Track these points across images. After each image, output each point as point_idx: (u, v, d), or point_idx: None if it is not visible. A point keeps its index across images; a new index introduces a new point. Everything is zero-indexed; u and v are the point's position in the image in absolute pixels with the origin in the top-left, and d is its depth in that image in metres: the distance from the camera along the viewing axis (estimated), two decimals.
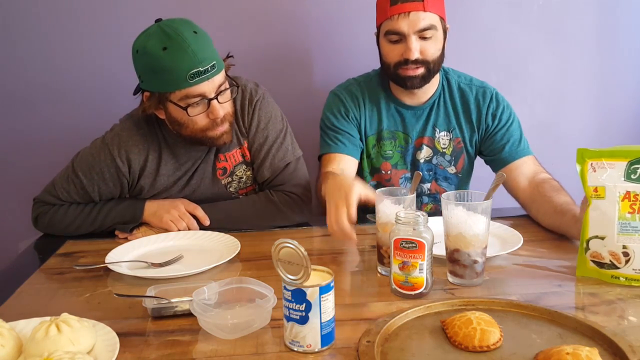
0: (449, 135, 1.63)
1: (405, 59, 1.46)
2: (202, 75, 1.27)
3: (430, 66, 1.49)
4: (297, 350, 0.84)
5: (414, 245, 0.97)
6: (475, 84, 1.63)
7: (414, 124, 1.62)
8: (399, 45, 1.47)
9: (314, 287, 0.81)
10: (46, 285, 1.16)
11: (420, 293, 1.00)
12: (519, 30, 2.02)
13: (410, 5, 1.42)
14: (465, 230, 1.02)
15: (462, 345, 0.82)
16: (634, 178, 1.01)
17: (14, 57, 1.87)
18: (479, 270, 1.05)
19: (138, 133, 1.44)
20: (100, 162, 1.42)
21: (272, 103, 1.54)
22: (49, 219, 1.45)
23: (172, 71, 1.26)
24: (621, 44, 2.07)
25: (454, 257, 1.05)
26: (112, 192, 1.46)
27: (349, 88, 1.63)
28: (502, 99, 1.61)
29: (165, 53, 1.25)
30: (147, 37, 1.28)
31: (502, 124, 1.59)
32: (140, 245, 1.32)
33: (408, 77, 1.49)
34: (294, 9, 1.92)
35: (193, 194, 1.50)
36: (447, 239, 1.06)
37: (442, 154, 1.64)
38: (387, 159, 1.65)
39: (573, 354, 0.74)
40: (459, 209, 1.03)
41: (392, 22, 1.45)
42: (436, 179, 1.68)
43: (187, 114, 1.31)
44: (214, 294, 0.96)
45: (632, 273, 1.02)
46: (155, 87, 1.31)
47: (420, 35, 1.45)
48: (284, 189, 1.48)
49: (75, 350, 0.80)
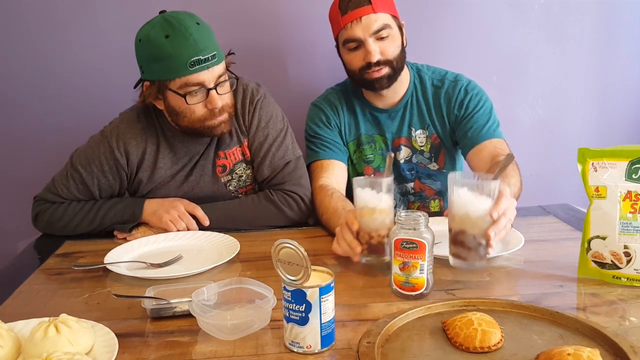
0: (425, 132, 1.64)
1: (367, 63, 1.49)
2: (202, 64, 1.30)
3: (393, 64, 1.51)
4: (297, 351, 0.84)
5: (415, 245, 0.96)
6: (449, 78, 1.63)
7: (389, 126, 1.65)
8: (359, 52, 1.50)
9: (314, 288, 0.81)
10: (45, 285, 1.15)
11: (421, 294, 1.00)
12: (519, 30, 2.02)
13: (360, 11, 1.45)
14: (473, 210, 1.01)
15: (463, 346, 0.82)
16: (635, 178, 1.00)
17: (7, 58, 1.86)
18: (482, 254, 1.04)
19: (136, 126, 1.46)
20: (99, 154, 1.44)
21: (273, 103, 1.55)
22: (49, 216, 1.45)
23: (173, 58, 1.29)
24: (622, 43, 2.07)
25: (459, 239, 1.04)
26: (111, 186, 1.47)
27: (328, 97, 1.68)
28: (473, 88, 1.60)
29: (167, 41, 1.28)
30: (151, 27, 1.32)
31: (469, 111, 1.58)
32: (139, 245, 1.32)
33: (375, 80, 1.52)
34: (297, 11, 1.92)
35: (193, 191, 1.50)
36: (452, 221, 1.05)
37: (421, 152, 1.66)
38: (369, 163, 1.68)
39: (574, 355, 0.73)
40: (464, 189, 1.02)
41: (346, 30, 1.48)
42: (419, 177, 1.70)
43: (186, 102, 1.33)
44: (213, 295, 0.95)
45: (633, 273, 1.02)
46: (155, 75, 1.34)
47: (376, 37, 1.47)
48: (283, 187, 1.48)
49: (74, 351, 0.80)
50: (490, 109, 1.60)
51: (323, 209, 1.43)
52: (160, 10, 1.37)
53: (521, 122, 2.08)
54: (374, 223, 1.10)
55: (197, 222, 1.43)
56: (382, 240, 1.10)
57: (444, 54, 1.96)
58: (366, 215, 1.10)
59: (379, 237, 1.10)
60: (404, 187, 1.72)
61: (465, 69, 1.68)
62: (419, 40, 1.91)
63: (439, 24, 1.96)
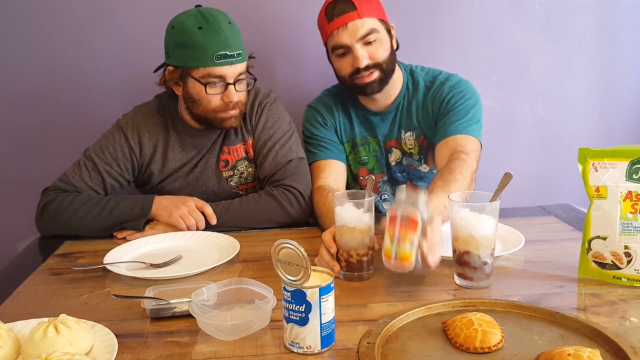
0: (413, 134, 1.64)
1: (356, 69, 1.49)
2: (228, 59, 1.39)
3: (383, 67, 1.50)
4: (297, 352, 0.84)
5: (409, 220, 0.97)
6: (440, 78, 1.60)
7: (381, 128, 1.65)
8: (348, 57, 1.50)
9: (314, 288, 0.81)
10: (44, 286, 1.15)
11: (408, 268, 0.99)
12: (520, 30, 2.01)
13: (346, 17, 1.45)
14: (476, 231, 1.01)
15: (464, 346, 0.82)
16: (636, 178, 1.00)
17: (11, 56, 1.86)
18: (488, 272, 1.04)
19: (149, 120, 1.55)
20: (114, 142, 1.52)
21: (282, 108, 1.61)
22: (56, 205, 1.43)
23: (203, 48, 1.38)
24: (622, 43, 2.06)
25: (464, 260, 1.04)
26: (122, 175, 1.52)
27: (323, 99, 1.69)
28: (458, 86, 1.56)
29: (200, 32, 1.38)
30: (186, 16, 1.41)
31: (449, 107, 1.54)
32: (139, 245, 1.32)
33: (365, 84, 1.51)
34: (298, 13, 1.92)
35: (197, 182, 1.56)
36: (456, 242, 1.05)
37: (410, 154, 1.66)
38: (364, 165, 1.69)
39: (575, 355, 0.73)
40: (466, 211, 1.02)
41: (333, 37, 1.48)
42: (411, 179, 1.70)
43: (205, 91, 1.41)
44: (213, 295, 0.95)
45: (634, 273, 1.02)
46: (181, 61, 1.42)
47: (363, 42, 1.47)
48: (284, 183, 1.49)
49: (73, 351, 0.80)
50: (471, 107, 1.54)
51: (318, 210, 1.44)
52: (197, 4, 1.45)
53: (521, 122, 2.08)
54: (353, 242, 1.09)
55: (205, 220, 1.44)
56: (361, 258, 1.10)
57: (444, 54, 1.96)
58: (345, 234, 1.09)
59: (358, 256, 1.10)
60: (396, 189, 1.70)
61: (466, 69, 1.68)
62: (419, 41, 1.91)
63: (438, 23, 1.96)
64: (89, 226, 1.42)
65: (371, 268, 1.12)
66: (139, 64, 1.76)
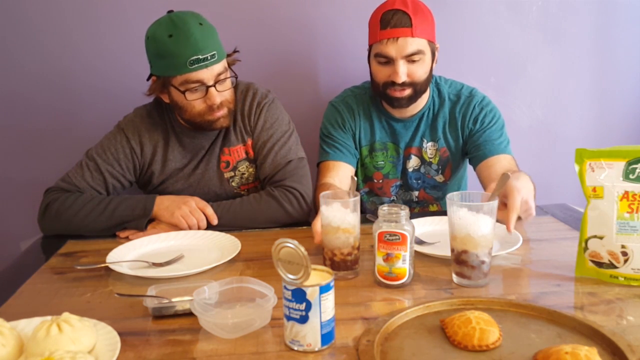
0: (435, 145, 1.66)
1: (392, 81, 1.50)
2: (202, 63, 1.37)
3: (417, 87, 1.53)
4: (297, 350, 0.85)
5: (397, 237, 1.01)
6: (464, 93, 1.65)
7: (403, 135, 1.67)
8: (387, 67, 1.51)
9: (314, 287, 0.82)
10: (47, 285, 1.16)
11: (403, 283, 1.04)
12: (517, 31, 2.02)
13: (399, 31, 1.45)
14: (474, 231, 1.02)
15: (462, 344, 0.82)
16: (633, 178, 1.01)
17: (13, 56, 1.87)
18: (486, 271, 1.05)
19: (149, 121, 1.55)
20: (115, 143, 1.53)
21: (280, 108, 1.61)
22: (59, 205, 1.43)
23: (175, 57, 1.36)
24: (620, 44, 2.07)
25: (462, 259, 1.05)
26: (124, 175, 1.53)
27: (346, 100, 1.69)
28: (487, 104, 1.63)
29: (170, 40, 1.36)
30: (157, 25, 1.40)
31: (484, 126, 1.61)
32: (141, 245, 1.33)
33: (395, 98, 1.54)
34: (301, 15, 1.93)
35: (199, 184, 1.57)
36: (454, 241, 1.06)
37: (429, 164, 1.68)
38: (379, 169, 1.71)
39: (572, 354, 0.74)
40: (464, 210, 1.03)
41: (381, 45, 1.49)
42: (424, 187, 1.73)
43: (185, 98, 1.41)
44: (214, 294, 0.96)
45: (630, 272, 1.03)
46: (160, 71, 1.42)
47: (407, 59, 1.48)
48: (284, 184, 1.50)
49: (76, 349, 0.81)
50: (502, 125, 1.63)
51: (318, 206, 1.44)
52: (168, 9, 1.43)
53: (519, 123, 2.09)
54: (337, 241, 1.10)
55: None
56: (345, 258, 1.11)
57: (443, 55, 1.95)
58: (330, 233, 1.10)
59: (342, 255, 1.10)
60: (409, 194, 1.75)
61: (464, 70, 1.69)
62: None
63: (437, 24, 1.96)
64: (91, 226, 1.42)
65: (356, 267, 1.12)
66: (140, 65, 1.77)
